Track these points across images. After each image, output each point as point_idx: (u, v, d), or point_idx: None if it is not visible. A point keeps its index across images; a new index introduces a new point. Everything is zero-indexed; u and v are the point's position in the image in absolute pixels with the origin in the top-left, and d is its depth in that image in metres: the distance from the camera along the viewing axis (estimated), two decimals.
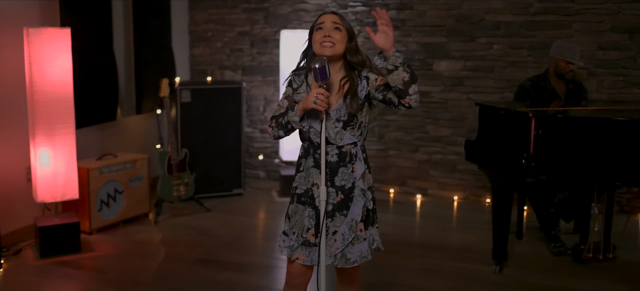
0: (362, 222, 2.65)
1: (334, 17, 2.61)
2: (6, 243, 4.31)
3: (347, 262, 2.63)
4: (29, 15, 4.44)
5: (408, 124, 5.84)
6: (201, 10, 6.46)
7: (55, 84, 4.10)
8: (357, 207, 2.62)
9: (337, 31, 2.58)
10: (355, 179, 2.62)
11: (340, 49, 2.59)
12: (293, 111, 2.60)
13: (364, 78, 2.62)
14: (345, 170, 2.62)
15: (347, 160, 2.62)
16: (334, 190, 2.62)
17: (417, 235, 4.83)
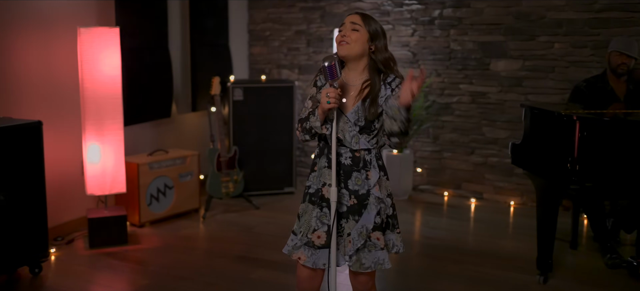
0: (379, 231, 2.59)
1: (354, 17, 2.58)
2: (61, 233, 4.52)
3: (361, 266, 2.60)
4: (86, 15, 4.63)
5: (464, 126, 5.67)
6: (260, 10, 6.53)
7: (105, 82, 4.24)
8: (370, 215, 2.58)
9: (354, 32, 2.54)
10: (371, 187, 2.57)
11: (356, 48, 2.55)
12: (314, 115, 2.57)
13: (389, 86, 2.56)
14: (359, 176, 2.58)
15: (361, 165, 2.58)
16: (347, 192, 2.59)
17: (466, 240, 4.67)
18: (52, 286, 3.74)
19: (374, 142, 2.59)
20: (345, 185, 2.58)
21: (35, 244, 3.81)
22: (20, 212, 3.69)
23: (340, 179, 2.59)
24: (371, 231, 2.58)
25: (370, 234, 2.58)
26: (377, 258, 2.60)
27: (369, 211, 2.58)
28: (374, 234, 2.58)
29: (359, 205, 2.58)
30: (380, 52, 2.57)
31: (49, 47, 4.37)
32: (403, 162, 5.62)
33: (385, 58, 2.57)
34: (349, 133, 2.57)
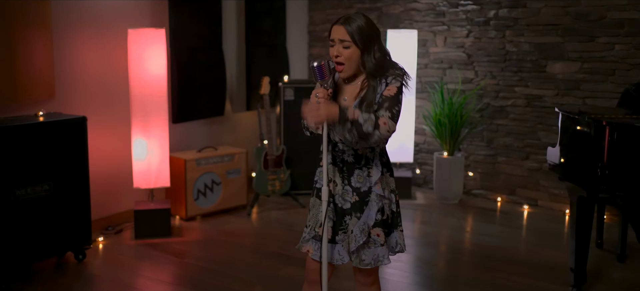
0: (380, 227, 2.59)
1: (341, 32, 2.52)
2: (112, 223, 4.79)
3: (361, 263, 2.62)
4: (140, 16, 4.88)
5: (518, 129, 5.48)
6: (319, 11, 6.60)
7: (151, 80, 4.46)
8: (371, 212, 2.59)
9: (346, 50, 2.52)
10: (372, 184, 2.58)
11: (352, 67, 2.55)
12: None
13: (384, 83, 2.54)
14: (361, 173, 2.59)
15: (363, 163, 2.59)
16: (350, 188, 2.61)
17: (508, 247, 4.50)
18: (91, 271, 3.99)
19: None
20: (349, 182, 2.61)
21: (79, 232, 4.07)
22: (66, 201, 3.96)
23: (344, 176, 2.61)
24: (372, 227, 2.59)
25: (371, 230, 2.59)
26: (376, 255, 2.60)
27: (370, 208, 2.59)
28: (374, 230, 2.59)
29: (361, 202, 2.60)
30: (369, 60, 2.52)
31: (104, 47, 4.65)
32: (453, 165, 5.51)
33: (375, 65, 2.52)
34: None
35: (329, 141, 2.66)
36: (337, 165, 2.61)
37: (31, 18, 4.12)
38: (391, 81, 2.53)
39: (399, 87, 2.52)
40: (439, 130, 5.55)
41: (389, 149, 5.62)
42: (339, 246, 2.64)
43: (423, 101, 5.93)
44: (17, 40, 4.03)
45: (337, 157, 2.62)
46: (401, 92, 2.53)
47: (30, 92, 4.16)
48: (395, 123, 2.47)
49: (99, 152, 4.63)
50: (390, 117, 2.45)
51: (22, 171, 3.72)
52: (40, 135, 3.83)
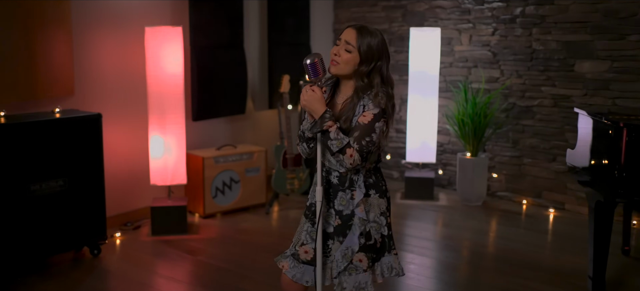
0: (363, 252, 2.51)
1: (350, 35, 2.44)
2: (131, 218, 4.84)
3: (343, 290, 2.53)
4: (162, 14, 4.91)
5: (545, 131, 5.31)
6: (344, 9, 6.54)
7: (167, 78, 4.48)
8: (354, 236, 2.50)
9: (347, 52, 2.44)
10: (354, 207, 2.49)
11: (345, 70, 2.47)
12: (306, 119, 2.53)
13: (362, 106, 2.44)
14: (344, 196, 2.51)
15: (347, 185, 2.50)
16: (333, 211, 2.53)
17: (532, 252, 4.34)
18: (104, 266, 4.03)
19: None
20: (333, 205, 2.53)
21: (94, 227, 4.12)
22: (80, 196, 4.01)
23: (329, 198, 2.53)
24: (355, 253, 2.50)
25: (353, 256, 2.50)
26: (358, 282, 2.51)
27: (353, 232, 2.50)
28: (356, 256, 2.50)
29: (344, 226, 2.51)
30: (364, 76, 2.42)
31: (123, 45, 4.69)
32: (476, 166, 5.38)
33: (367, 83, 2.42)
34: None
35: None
36: (322, 186, 2.52)
37: (51, 17, 4.18)
38: (368, 106, 2.40)
39: (375, 115, 2.38)
40: (462, 130, 5.43)
41: (410, 148, 5.55)
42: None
43: (447, 100, 5.81)
44: (36, 39, 4.10)
45: (324, 176, 2.53)
46: (378, 120, 2.39)
47: (50, 89, 4.22)
48: (361, 158, 2.38)
49: (117, 149, 4.68)
50: (357, 149, 2.37)
51: (37, 166, 3.78)
52: (56, 132, 3.89)
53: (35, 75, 4.10)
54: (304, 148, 2.57)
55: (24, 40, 4.04)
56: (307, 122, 2.50)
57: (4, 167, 3.63)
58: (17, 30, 4.00)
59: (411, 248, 4.39)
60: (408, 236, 4.69)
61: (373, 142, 2.38)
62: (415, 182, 5.59)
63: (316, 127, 2.41)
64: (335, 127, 2.38)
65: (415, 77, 5.54)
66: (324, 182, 2.53)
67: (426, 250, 4.39)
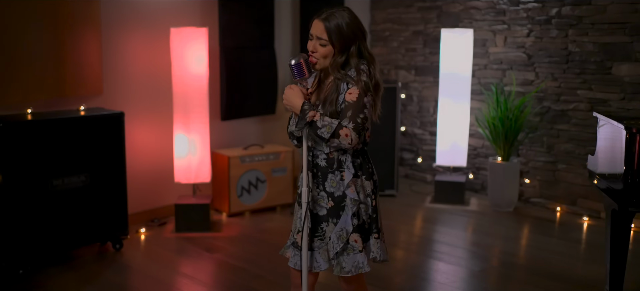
0: (357, 233, 2.51)
1: (320, 27, 2.47)
2: (158, 215, 4.96)
3: (342, 271, 2.55)
4: (192, 15, 5.01)
5: (581, 135, 5.11)
6: (381, 10, 6.50)
7: (191, 78, 4.57)
8: (347, 217, 2.52)
9: (322, 47, 2.47)
10: (345, 188, 2.50)
11: (325, 63, 2.50)
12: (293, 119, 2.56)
13: (345, 85, 2.46)
14: (334, 177, 2.52)
15: (335, 166, 2.52)
16: (325, 194, 2.55)
17: (561, 263, 4.14)
18: (123, 260, 4.15)
19: None
20: (323, 187, 2.54)
21: (116, 222, 4.24)
22: (102, 192, 4.14)
23: (318, 181, 2.55)
24: (351, 233, 2.51)
25: (350, 236, 2.51)
26: (356, 261, 2.53)
27: (346, 213, 2.52)
28: (352, 236, 2.52)
29: (337, 207, 2.53)
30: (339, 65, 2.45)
31: (152, 45, 4.81)
32: (507, 171, 5.24)
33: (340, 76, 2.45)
34: None
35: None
36: (311, 170, 2.54)
37: (81, 17, 4.33)
38: (351, 84, 2.43)
39: (361, 89, 2.41)
40: (493, 134, 5.30)
41: (441, 151, 5.44)
42: (316, 253, 2.56)
43: (481, 103, 5.68)
44: (66, 38, 4.25)
45: (310, 162, 2.55)
46: (365, 94, 2.42)
47: (79, 88, 4.37)
48: (358, 135, 2.38)
49: (144, 147, 4.81)
50: (353, 127, 2.37)
51: (60, 162, 3.92)
52: (80, 129, 4.03)
53: (64, 74, 4.26)
54: (295, 143, 2.63)
55: (54, 40, 4.19)
56: (294, 121, 2.51)
57: (28, 161, 3.78)
58: (47, 30, 4.16)
59: (440, 256, 4.29)
60: (437, 242, 4.60)
61: (366, 117, 2.41)
62: (445, 185, 5.49)
63: (301, 122, 2.41)
64: (319, 114, 2.38)
65: (446, 79, 5.44)
66: (311, 165, 2.54)
67: (454, 257, 4.26)
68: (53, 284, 3.76)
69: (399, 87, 5.67)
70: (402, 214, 5.25)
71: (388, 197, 5.71)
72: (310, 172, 2.56)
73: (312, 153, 2.56)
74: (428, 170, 6.19)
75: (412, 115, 6.31)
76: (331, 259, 2.53)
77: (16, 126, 3.74)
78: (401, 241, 4.66)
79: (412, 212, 5.34)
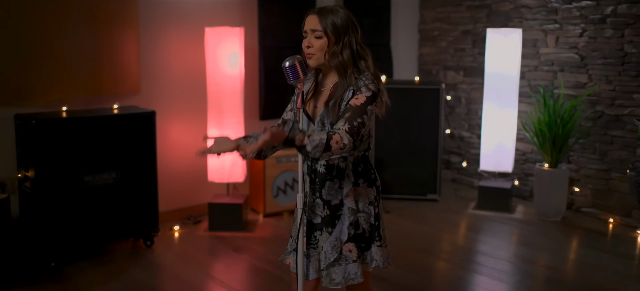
0: (353, 242, 2.42)
1: (314, 20, 2.40)
2: (194, 213, 5.00)
3: (331, 282, 2.47)
4: (231, 15, 5.02)
5: (637, 143, 4.78)
6: (430, 9, 6.33)
7: (225, 78, 4.57)
8: (343, 226, 2.44)
9: (317, 40, 2.39)
10: (343, 197, 2.41)
11: (322, 58, 2.42)
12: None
13: (351, 90, 2.37)
14: (332, 185, 2.44)
15: (334, 174, 2.43)
16: (321, 202, 2.47)
17: (613, 282, 3.88)
18: (151, 257, 4.20)
19: None
20: (320, 195, 2.46)
21: (147, 220, 4.30)
22: (133, 189, 4.20)
23: (315, 187, 2.48)
24: (344, 243, 2.42)
25: (343, 246, 2.43)
26: (347, 273, 2.45)
27: (342, 222, 2.44)
28: (346, 246, 2.44)
29: (332, 216, 2.45)
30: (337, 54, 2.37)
31: (190, 45, 4.85)
32: (555, 178, 4.96)
33: (341, 61, 2.37)
34: None
35: None
36: (309, 176, 2.47)
37: (119, 16, 4.42)
38: (363, 90, 2.33)
39: (368, 97, 2.32)
40: (540, 139, 5.04)
41: (485, 156, 5.21)
42: (308, 261, 2.49)
43: (530, 106, 5.41)
44: (104, 38, 4.34)
45: (309, 167, 2.48)
46: (370, 103, 2.32)
47: (116, 87, 4.46)
48: (352, 138, 2.24)
49: (180, 145, 4.86)
50: (347, 129, 2.24)
51: (91, 159, 4.01)
52: (111, 127, 4.10)
53: (101, 72, 4.35)
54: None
55: (92, 39, 4.29)
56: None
57: (60, 158, 3.88)
58: (86, 29, 4.26)
59: (482, 269, 4.08)
60: (480, 254, 4.38)
61: (364, 123, 2.29)
62: (489, 191, 5.27)
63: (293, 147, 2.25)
64: (305, 136, 2.24)
65: (491, 81, 5.22)
66: (310, 171, 2.47)
67: (496, 271, 4.04)
68: (80, 277, 3.85)
69: (443, 89, 5.48)
70: (444, 220, 5.07)
71: (430, 201, 5.55)
72: (307, 176, 2.49)
73: (311, 159, 2.48)
74: (475, 175, 5.96)
75: (460, 117, 6.11)
76: (321, 270, 2.45)
77: (49, 123, 3.85)
78: (443, 251, 4.49)
79: (454, 218, 5.15)
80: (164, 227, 4.69)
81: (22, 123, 3.88)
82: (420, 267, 4.09)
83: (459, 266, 4.18)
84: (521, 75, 5.42)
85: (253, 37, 5.15)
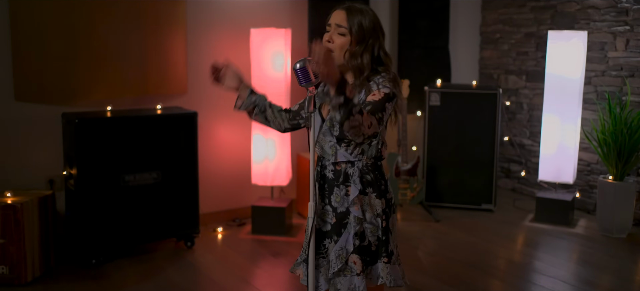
0: (357, 254, 2.32)
1: (340, 16, 2.29)
2: (239, 215, 4.98)
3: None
4: (282, 16, 4.97)
5: None
6: (491, 10, 6.06)
7: (270, 79, 4.52)
8: (349, 236, 2.33)
9: (339, 36, 2.28)
10: (349, 204, 2.30)
11: (341, 56, 2.29)
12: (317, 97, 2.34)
13: (369, 86, 2.26)
14: (339, 191, 2.34)
15: (341, 180, 2.32)
16: (330, 208, 2.37)
17: None
18: (192, 257, 4.19)
19: (357, 153, 2.30)
20: (329, 201, 2.36)
21: (187, 220, 4.29)
22: (174, 190, 4.21)
23: (325, 194, 2.37)
24: (350, 254, 2.31)
25: (348, 257, 2.31)
26: (353, 285, 2.32)
27: (348, 231, 2.33)
28: (351, 257, 2.32)
29: (339, 224, 2.34)
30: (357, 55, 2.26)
31: (236, 46, 4.82)
32: (619, 191, 4.61)
33: (360, 63, 2.25)
34: (327, 143, 2.34)
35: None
36: (318, 182, 2.35)
37: (167, 17, 4.45)
38: (381, 86, 2.22)
39: (386, 94, 2.21)
40: (605, 149, 4.69)
41: (544, 166, 4.92)
42: (318, 272, 2.37)
43: (595, 114, 5.06)
44: (151, 38, 4.38)
45: (319, 172, 2.37)
46: (388, 100, 2.21)
47: (162, 87, 4.49)
48: (379, 125, 2.15)
49: (225, 146, 4.85)
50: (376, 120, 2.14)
51: (132, 159, 4.04)
52: (154, 127, 4.13)
53: (148, 73, 4.39)
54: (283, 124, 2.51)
55: (140, 39, 4.34)
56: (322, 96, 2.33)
57: (102, 157, 3.93)
58: (134, 29, 4.31)
59: (536, 289, 3.82)
60: (534, 272, 4.10)
61: (382, 120, 2.19)
62: (548, 203, 4.97)
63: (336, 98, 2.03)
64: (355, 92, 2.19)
65: (552, 86, 4.92)
66: (319, 177, 2.38)
67: None
68: (118, 275, 3.88)
69: (500, 93, 5.21)
70: (498, 233, 4.81)
71: (485, 212, 5.29)
72: (317, 183, 2.37)
73: (321, 164, 2.38)
74: (536, 185, 5.65)
75: (522, 123, 5.81)
76: (328, 279, 2.33)
77: (91, 123, 3.91)
78: (493, 266, 4.24)
79: (509, 231, 4.88)
80: (207, 228, 4.68)
81: (68, 122, 3.96)
82: (466, 284, 3.87)
83: (510, 284, 3.91)
84: (587, 80, 5.08)
85: (303, 39, 5.08)
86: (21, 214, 3.60)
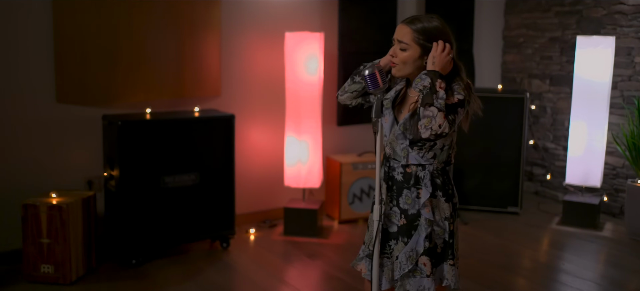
0: (427, 256, 2.37)
1: (403, 32, 2.35)
2: (270, 217, 5.03)
3: None
4: (309, 19, 5.02)
5: None
6: (515, 15, 6.11)
7: (303, 83, 4.57)
8: (420, 238, 2.39)
9: (402, 52, 2.35)
10: (420, 207, 2.36)
11: (404, 70, 2.39)
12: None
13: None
14: (409, 194, 2.39)
15: (412, 182, 2.38)
16: (398, 210, 2.43)
17: None
18: (228, 258, 4.25)
19: (429, 156, 2.36)
20: (397, 203, 2.42)
21: (224, 222, 4.35)
22: (211, 191, 4.26)
23: (393, 195, 2.43)
24: (420, 255, 2.36)
25: (419, 258, 2.36)
26: (422, 286, 2.40)
27: (419, 233, 2.39)
28: (421, 259, 2.38)
29: (409, 226, 2.40)
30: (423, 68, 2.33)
31: (270, 49, 4.88)
32: None
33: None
34: (399, 145, 2.40)
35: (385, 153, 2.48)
36: (386, 183, 2.42)
37: (202, 20, 4.51)
38: (456, 92, 2.30)
39: (459, 100, 2.29)
40: (633, 153, 4.75)
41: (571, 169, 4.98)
42: (381, 271, 2.43)
43: (623, 118, 5.12)
44: (186, 40, 4.44)
45: (386, 173, 2.43)
46: (461, 106, 2.29)
47: (197, 90, 4.55)
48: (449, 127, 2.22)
49: (258, 148, 4.90)
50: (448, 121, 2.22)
51: (172, 160, 4.10)
52: (192, 129, 4.18)
53: (183, 75, 4.45)
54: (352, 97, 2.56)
55: (175, 42, 4.40)
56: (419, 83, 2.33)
57: (142, 158, 3.99)
58: (169, 32, 4.37)
59: (565, 290, 3.88)
60: (563, 273, 4.15)
61: (453, 123, 2.26)
62: (575, 206, 5.02)
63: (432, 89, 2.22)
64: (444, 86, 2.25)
65: (580, 91, 4.97)
66: (388, 178, 2.43)
67: None
68: (159, 275, 3.94)
69: (528, 98, 5.27)
70: (525, 235, 4.87)
71: (510, 214, 5.35)
72: (384, 182, 2.43)
73: (388, 165, 2.44)
74: (559, 188, 5.71)
75: (545, 128, 5.86)
76: (395, 280, 2.40)
77: (133, 125, 3.96)
78: (523, 267, 4.31)
79: (536, 233, 4.94)
80: (240, 230, 4.74)
81: (109, 124, 4.02)
82: (498, 284, 3.94)
83: (540, 285, 3.99)
84: (613, 85, 5.14)
85: (333, 42, 5.14)
86: (67, 214, 3.66)
